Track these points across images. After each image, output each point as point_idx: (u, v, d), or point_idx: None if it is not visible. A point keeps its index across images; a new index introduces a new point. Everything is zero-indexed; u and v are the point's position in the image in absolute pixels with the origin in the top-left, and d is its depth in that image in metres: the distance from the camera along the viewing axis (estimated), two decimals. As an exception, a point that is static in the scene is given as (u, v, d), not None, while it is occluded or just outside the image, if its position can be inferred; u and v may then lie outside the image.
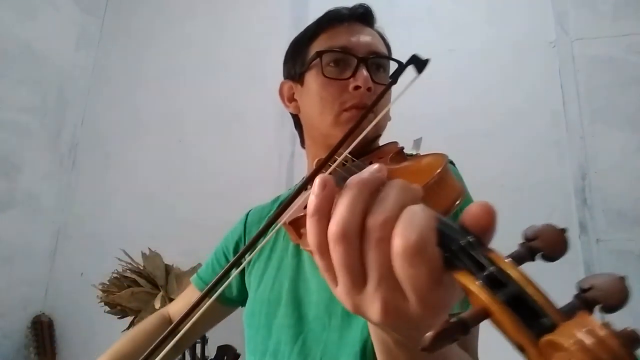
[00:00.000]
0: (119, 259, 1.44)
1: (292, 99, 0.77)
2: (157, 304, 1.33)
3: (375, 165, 0.30)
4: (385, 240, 0.26)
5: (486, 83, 1.61)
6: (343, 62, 0.68)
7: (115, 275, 1.42)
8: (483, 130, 1.55)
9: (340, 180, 0.48)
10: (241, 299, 0.81)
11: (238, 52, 1.93)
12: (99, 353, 0.80)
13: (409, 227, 0.25)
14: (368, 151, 0.67)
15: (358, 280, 0.28)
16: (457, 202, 0.38)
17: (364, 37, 0.70)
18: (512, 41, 1.63)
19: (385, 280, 0.27)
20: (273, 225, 0.39)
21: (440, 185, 0.38)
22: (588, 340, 0.18)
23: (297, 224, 0.50)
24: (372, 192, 0.28)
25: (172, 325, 0.42)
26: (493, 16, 1.69)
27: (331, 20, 0.72)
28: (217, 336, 1.36)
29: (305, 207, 0.49)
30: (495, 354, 0.60)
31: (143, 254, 1.46)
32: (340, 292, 0.29)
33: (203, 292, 0.40)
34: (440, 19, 1.74)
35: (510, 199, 1.42)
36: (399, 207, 0.27)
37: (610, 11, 1.56)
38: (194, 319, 0.40)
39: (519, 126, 1.54)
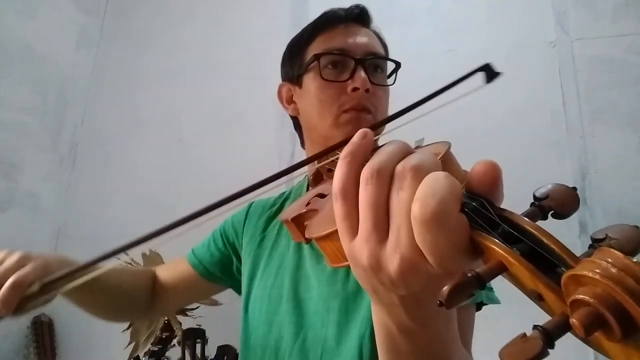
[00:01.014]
0: (119, 259, 1.44)
1: (290, 101, 0.77)
2: (157, 304, 1.33)
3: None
4: (412, 190, 0.26)
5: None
6: (341, 64, 0.68)
7: (115, 275, 1.42)
8: (483, 130, 1.55)
9: None
10: (226, 279, 0.82)
11: (238, 52, 1.93)
12: (99, 353, 0.80)
13: (429, 194, 0.25)
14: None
15: (381, 227, 0.28)
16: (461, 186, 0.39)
17: (361, 38, 0.70)
18: (512, 41, 1.63)
19: (406, 232, 0.26)
20: (250, 192, 0.39)
21: (444, 169, 0.39)
22: (613, 268, 0.18)
23: (300, 220, 0.50)
24: (409, 150, 0.30)
25: (79, 265, 0.43)
26: (493, 16, 1.68)
27: (328, 21, 0.72)
28: (217, 336, 1.36)
29: (308, 204, 0.49)
30: (495, 354, 0.60)
31: (143, 254, 1.46)
32: (360, 240, 0.29)
33: (139, 238, 0.41)
34: (440, 19, 1.74)
35: (510, 198, 1.42)
36: (432, 161, 0.28)
37: (610, 11, 1.56)
38: (102, 270, 0.40)
39: (519, 126, 1.54)
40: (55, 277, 0.45)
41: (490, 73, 0.47)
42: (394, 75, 0.75)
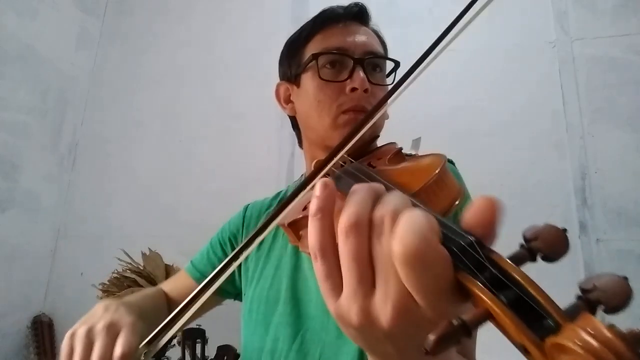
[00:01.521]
0: (119, 259, 1.44)
1: (288, 100, 0.76)
2: (157, 304, 1.33)
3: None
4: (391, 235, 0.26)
5: (486, 83, 1.61)
6: (339, 64, 0.67)
7: (115, 275, 1.42)
8: (483, 130, 1.55)
9: (339, 181, 0.48)
10: (229, 289, 0.81)
11: (238, 52, 1.94)
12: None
13: (408, 231, 0.24)
14: (366, 152, 0.67)
15: (366, 279, 0.27)
16: (457, 202, 0.38)
17: (360, 37, 0.69)
18: (512, 41, 1.63)
19: (394, 278, 0.26)
20: (271, 223, 0.39)
21: (439, 186, 0.38)
22: (595, 342, 0.18)
23: (296, 226, 0.49)
24: (379, 194, 0.29)
25: (168, 319, 0.42)
26: (493, 16, 1.68)
27: (326, 20, 0.71)
28: (217, 336, 1.36)
29: (304, 208, 0.49)
30: (497, 354, 0.60)
31: (143, 254, 1.46)
32: (346, 297, 0.28)
33: (200, 286, 0.39)
34: (440, 19, 1.74)
35: (510, 198, 1.42)
36: (404, 202, 0.27)
37: (610, 11, 1.57)
38: (190, 312, 0.40)
39: (519, 126, 1.54)
40: (154, 336, 0.43)
41: None
42: (393, 74, 0.74)
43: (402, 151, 0.62)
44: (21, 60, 1.76)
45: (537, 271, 0.25)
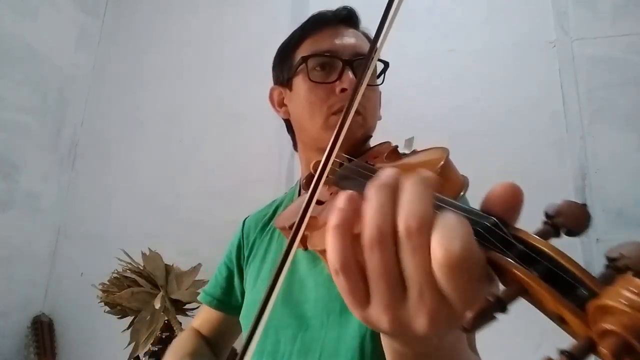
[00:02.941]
0: (119, 259, 1.44)
1: (282, 104, 0.78)
2: (157, 304, 1.33)
3: (387, 170, 0.29)
4: (425, 246, 0.25)
5: (486, 83, 1.61)
6: (329, 66, 0.68)
7: (115, 275, 1.42)
8: (483, 130, 1.55)
9: (345, 180, 0.48)
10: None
11: (238, 52, 1.93)
12: (99, 353, 0.80)
13: (449, 237, 0.24)
14: (362, 152, 0.68)
15: (398, 290, 0.27)
16: (462, 192, 0.38)
17: (349, 39, 0.70)
18: (512, 41, 1.63)
19: (429, 287, 0.25)
20: (296, 238, 0.38)
21: (444, 177, 0.38)
22: (638, 298, 0.18)
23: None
24: (395, 191, 0.27)
25: None
26: (493, 16, 1.68)
27: (315, 24, 0.73)
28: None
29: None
30: (497, 354, 0.60)
31: (143, 254, 1.46)
32: (376, 308, 0.27)
33: (250, 329, 0.37)
34: (440, 19, 1.74)
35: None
36: (427, 206, 0.26)
37: (610, 11, 1.56)
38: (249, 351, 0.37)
39: (519, 126, 1.54)
40: None
41: None
42: (383, 75, 0.75)
43: (398, 150, 0.62)
44: (21, 60, 1.76)
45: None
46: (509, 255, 0.23)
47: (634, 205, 1.38)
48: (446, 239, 0.24)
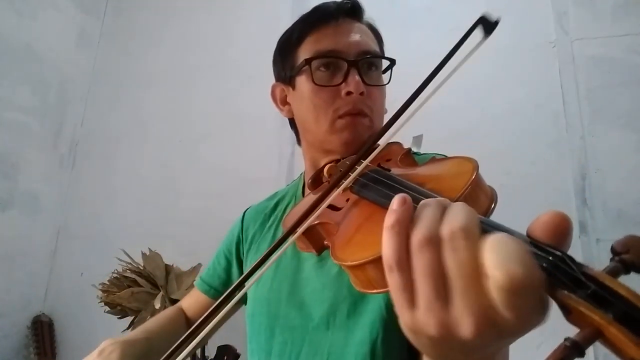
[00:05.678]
0: (119, 259, 1.44)
1: (284, 102, 0.75)
2: (157, 304, 1.33)
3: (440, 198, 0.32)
4: (467, 249, 0.26)
5: (486, 83, 1.61)
6: (333, 66, 0.65)
7: (115, 275, 1.42)
8: (483, 130, 1.55)
9: (365, 189, 0.46)
10: (244, 298, 0.81)
11: (238, 52, 1.93)
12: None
13: (507, 258, 0.24)
14: (369, 151, 0.66)
15: (442, 292, 0.27)
16: (492, 206, 0.38)
17: (354, 37, 0.67)
18: (512, 41, 1.63)
19: (477, 293, 0.26)
20: (288, 238, 0.38)
21: (476, 192, 0.37)
22: None
23: (312, 232, 0.48)
24: (445, 206, 0.30)
25: (183, 336, 0.42)
26: (493, 16, 1.68)
27: (318, 19, 0.69)
28: (217, 336, 1.35)
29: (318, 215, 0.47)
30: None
31: (143, 254, 1.46)
32: (423, 311, 0.28)
33: (212, 306, 0.40)
34: (440, 19, 1.74)
35: (510, 198, 1.42)
36: (473, 217, 0.28)
37: (610, 11, 1.56)
38: (203, 332, 0.40)
39: (519, 126, 1.54)
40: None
41: (487, 25, 0.44)
42: (389, 72, 0.72)
43: (410, 152, 0.60)
44: (21, 60, 1.76)
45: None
46: (581, 295, 0.23)
47: (634, 205, 1.38)
48: (503, 260, 0.24)
